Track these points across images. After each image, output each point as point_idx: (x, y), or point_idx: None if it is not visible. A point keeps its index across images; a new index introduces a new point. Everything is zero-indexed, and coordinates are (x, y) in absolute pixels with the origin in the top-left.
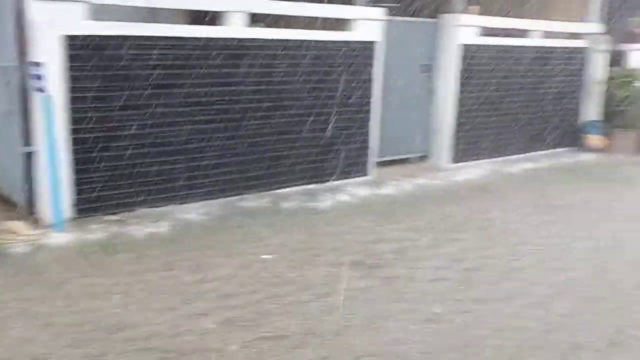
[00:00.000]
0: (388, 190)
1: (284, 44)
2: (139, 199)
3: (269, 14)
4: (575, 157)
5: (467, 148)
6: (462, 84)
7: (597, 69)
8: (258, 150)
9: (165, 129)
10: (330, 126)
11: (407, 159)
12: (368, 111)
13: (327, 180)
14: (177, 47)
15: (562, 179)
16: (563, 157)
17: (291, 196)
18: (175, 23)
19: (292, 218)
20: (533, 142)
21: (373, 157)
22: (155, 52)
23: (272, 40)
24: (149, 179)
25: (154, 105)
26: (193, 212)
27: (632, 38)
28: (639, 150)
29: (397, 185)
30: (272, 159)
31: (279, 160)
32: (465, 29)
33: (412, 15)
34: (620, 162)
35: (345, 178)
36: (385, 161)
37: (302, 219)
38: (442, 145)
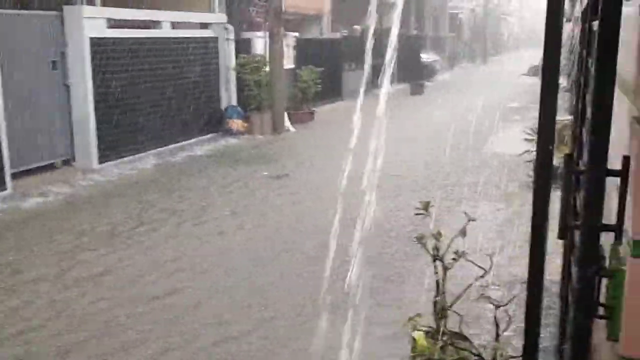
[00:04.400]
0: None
1: None
2: None
3: None
4: (221, 142)
5: (114, 145)
6: (99, 79)
7: (229, 56)
8: None
9: None
10: None
11: (52, 164)
12: None
13: None
14: None
15: (213, 165)
16: (210, 143)
17: None
18: None
19: None
20: (182, 131)
21: (8, 169)
22: None
23: None
24: None
25: None
26: None
27: (254, 26)
28: (275, 129)
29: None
30: None
31: None
32: (93, 22)
33: (23, 8)
34: (260, 142)
35: None
36: (28, 170)
37: None
38: (86, 145)
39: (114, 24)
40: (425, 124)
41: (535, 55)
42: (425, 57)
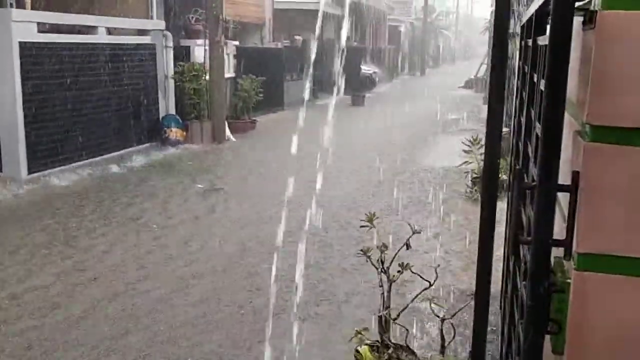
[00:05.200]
0: None
1: None
2: None
3: None
4: (159, 151)
5: (46, 155)
6: (29, 86)
7: (167, 64)
8: None
9: None
10: None
11: None
12: None
13: None
14: None
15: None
16: (147, 153)
17: None
18: None
19: None
20: (118, 141)
21: None
22: None
23: None
24: None
25: None
26: None
27: (194, 34)
28: (215, 139)
29: None
30: None
31: None
32: (22, 25)
33: None
34: (199, 152)
35: None
36: None
37: None
38: (15, 154)
39: (47, 28)
40: (367, 136)
41: (471, 67)
42: (365, 68)
